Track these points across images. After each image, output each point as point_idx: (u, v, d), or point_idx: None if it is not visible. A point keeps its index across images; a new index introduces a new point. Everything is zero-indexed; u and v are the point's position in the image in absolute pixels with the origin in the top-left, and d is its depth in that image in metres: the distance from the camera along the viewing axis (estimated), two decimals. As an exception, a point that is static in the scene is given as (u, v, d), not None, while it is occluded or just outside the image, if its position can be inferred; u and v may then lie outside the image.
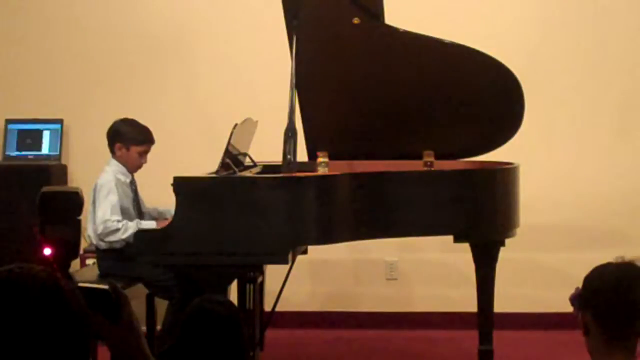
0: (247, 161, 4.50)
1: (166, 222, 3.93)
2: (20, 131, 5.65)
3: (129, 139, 4.50)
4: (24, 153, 5.62)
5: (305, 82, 4.45)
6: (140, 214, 4.56)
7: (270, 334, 4.91)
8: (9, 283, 1.48)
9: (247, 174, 4.25)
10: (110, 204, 4.34)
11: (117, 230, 4.29)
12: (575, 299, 2.23)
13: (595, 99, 5.57)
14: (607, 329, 2.15)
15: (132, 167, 4.55)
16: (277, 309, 4.65)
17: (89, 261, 5.07)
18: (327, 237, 3.94)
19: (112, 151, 4.53)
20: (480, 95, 4.58)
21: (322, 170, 4.51)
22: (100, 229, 4.32)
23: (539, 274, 5.58)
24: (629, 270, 2.19)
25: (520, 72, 4.46)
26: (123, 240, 4.27)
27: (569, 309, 2.24)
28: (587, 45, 5.57)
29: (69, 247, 4.13)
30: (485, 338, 4.41)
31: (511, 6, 5.60)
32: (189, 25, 5.72)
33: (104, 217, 4.32)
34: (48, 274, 1.50)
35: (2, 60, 5.83)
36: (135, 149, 4.51)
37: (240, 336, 2.32)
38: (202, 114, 5.70)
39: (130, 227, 4.25)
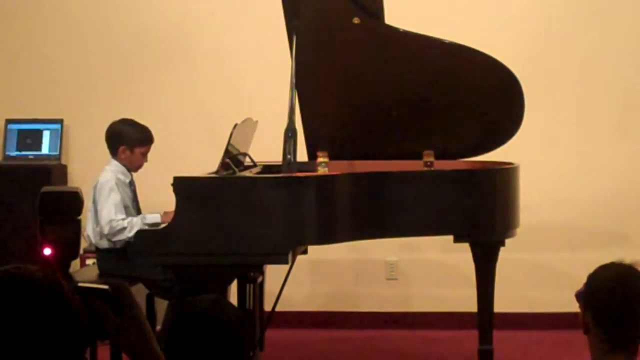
0: (247, 161, 4.49)
1: (169, 216, 3.92)
2: (20, 131, 5.65)
3: (133, 140, 4.50)
4: (24, 153, 5.62)
5: (305, 82, 4.45)
6: (139, 214, 4.56)
7: (270, 334, 4.91)
8: (5, 283, 1.48)
9: (247, 174, 4.25)
10: (113, 203, 4.34)
11: (124, 229, 4.29)
12: (580, 295, 2.23)
13: (595, 98, 5.57)
14: (606, 330, 2.15)
15: (136, 168, 4.55)
16: (277, 309, 4.65)
17: (89, 261, 5.08)
18: (327, 237, 3.94)
19: (115, 153, 4.51)
20: (481, 95, 4.58)
21: (322, 170, 4.51)
22: (106, 230, 4.31)
23: (539, 274, 5.58)
24: (628, 272, 2.19)
25: (520, 72, 4.46)
26: (129, 238, 4.27)
27: (569, 309, 2.24)
28: (587, 45, 5.57)
29: (69, 247, 4.14)
30: (485, 338, 4.40)
31: (511, 6, 5.60)
32: (189, 25, 5.72)
33: (109, 217, 4.31)
34: (45, 275, 1.50)
35: (2, 60, 5.83)
36: (139, 150, 4.51)
37: (238, 337, 2.31)
38: (202, 114, 5.70)
39: (135, 224, 4.24)
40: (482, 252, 4.36)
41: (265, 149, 4.54)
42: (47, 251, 4.03)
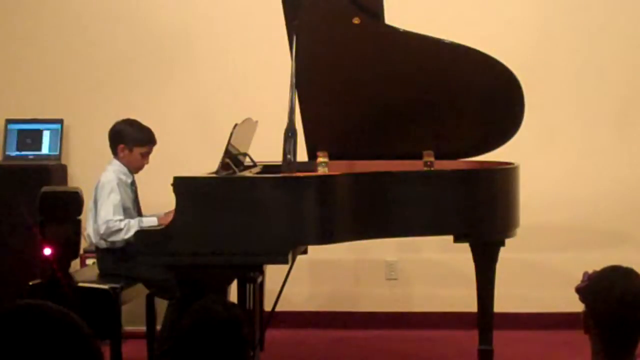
0: (247, 161, 4.49)
1: (167, 218, 3.92)
2: (20, 131, 5.64)
3: (132, 140, 4.50)
4: (24, 153, 5.62)
5: (306, 82, 4.45)
6: (140, 215, 4.56)
7: (270, 334, 4.91)
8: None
9: (247, 174, 4.25)
10: (112, 204, 4.34)
11: (120, 230, 4.29)
12: (581, 290, 2.21)
13: (595, 99, 5.57)
14: (609, 341, 2.13)
15: (135, 168, 4.55)
16: (277, 309, 4.65)
17: (89, 261, 5.07)
18: (327, 237, 3.94)
19: (115, 152, 4.52)
20: (481, 95, 4.58)
21: (322, 170, 4.51)
22: (102, 229, 4.32)
23: (539, 274, 5.58)
24: (634, 277, 2.17)
25: (520, 72, 4.45)
26: (125, 240, 4.27)
27: (569, 309, 2.24)
28: (587, 45, 5.57)
29: (69, 247, 4.14)
30: (485, 338, 4.41)
31: (511, 6, 5.60)
32: (190, 25, 5.72)
33: (107, 217, 4.31)
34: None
35: (2, 60, 5.83)
36: (138, 150, 4.51)
37: (241, 339, 2.31)
38: (202, 114, 5.70)
39: (132, 227, 4.24)
40: (482, 252, 4.36)
41: (265, 149, 4.54)
42: (47, 251, 4.02)
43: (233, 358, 2.27)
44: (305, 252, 4.74)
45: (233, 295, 4.16)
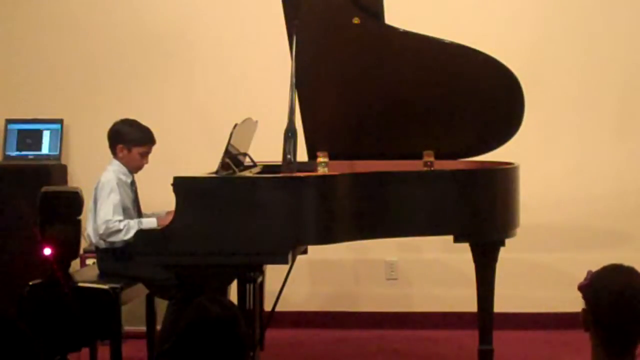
0: (247, 161, 4.49)
1: (167, 219, 3.92)
2: (20, 131, 5.65)
3: (131, 140, 4.50)
4: (24, 153, 5.62)
5: (306, 82, 4.45)
6: (140, 215, 4.56)
7: (270, 334, 4.91)
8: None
9: (247, 174, 4.25)
10: (112, 204, 4.34)
11: (119, 231, 4.28)
12: (583, 289, 2.21)
13: (595, 99, 5.57)
14: (605, 332, 2.14)
15: (134, 168, 4.55)
16: (277, 309, 4.65)
17: (89, 261, 5.08)
18: (327, 237, 3.94)
19: (114, 152, 4.52)
20: (480, 95, 4.58)
21: (322, 170, 4.51)
22: (102, 229, 4.31)
23: (539, 274, 5.58)
24: (636, 277, 2.17)
25: (520, 71, 4.46)
26: (125, 240, 4.26)
27: (569, 309, 2.24)
28: (587, 44, 5.57)
29: (69, 247, 4.13)
30: (485, 338, 4.41)
31: (511, 6, 5.60)
32: (189, 25, 5.72)
33: (106, 217, 4.31)
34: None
35: (2, 60, 5.83)
36: (137, 150, 4.51)
37: (238, 337, 2.31)
38: (202, 114, 5.70)
39: (132, 228, 4.24)
40: (482, 252, 4.36)
41: (265, 149, 4.54)
42: (47, 251, 4.02)
43: (230, 356, 2.27)
44: (305, 252, 4.74)
45: (233, 295, 4.16)
